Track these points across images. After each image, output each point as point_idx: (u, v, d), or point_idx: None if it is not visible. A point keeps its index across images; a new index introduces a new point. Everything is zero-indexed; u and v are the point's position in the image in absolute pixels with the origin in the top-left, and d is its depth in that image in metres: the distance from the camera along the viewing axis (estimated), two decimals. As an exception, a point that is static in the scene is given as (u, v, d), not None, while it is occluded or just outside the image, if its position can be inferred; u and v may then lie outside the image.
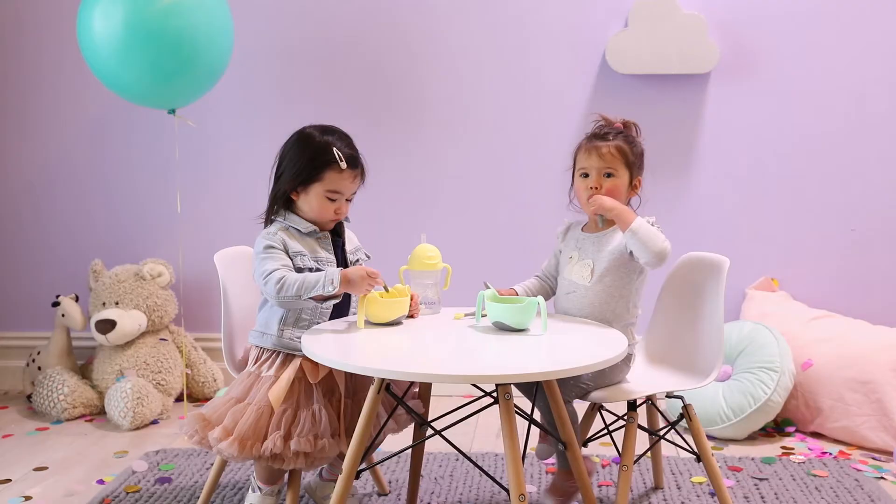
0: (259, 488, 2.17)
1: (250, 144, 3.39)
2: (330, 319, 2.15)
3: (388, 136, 3.37)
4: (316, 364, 2.06)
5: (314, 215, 2.14)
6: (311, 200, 2.13)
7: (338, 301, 2.11)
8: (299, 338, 2.04)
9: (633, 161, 2.21)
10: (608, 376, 2.15)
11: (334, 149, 2.10)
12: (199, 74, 2.94)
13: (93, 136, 3.48)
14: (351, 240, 2.25)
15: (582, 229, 2.28)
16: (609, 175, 2.19)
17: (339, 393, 2.12)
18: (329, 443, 2.04)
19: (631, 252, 2.12)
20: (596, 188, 2.18)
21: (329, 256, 2.14)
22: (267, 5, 3.36)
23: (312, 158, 2.11)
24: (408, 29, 3.34)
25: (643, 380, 2.22)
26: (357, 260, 2.22)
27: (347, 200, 2.17)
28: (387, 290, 2.10)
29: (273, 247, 2.09)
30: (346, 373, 2.11)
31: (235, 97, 3.39)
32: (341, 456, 2.09)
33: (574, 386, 2.13)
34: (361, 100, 3.37)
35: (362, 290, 2.04)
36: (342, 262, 2.19)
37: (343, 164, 2.10)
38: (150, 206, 3.46)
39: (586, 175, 2.20)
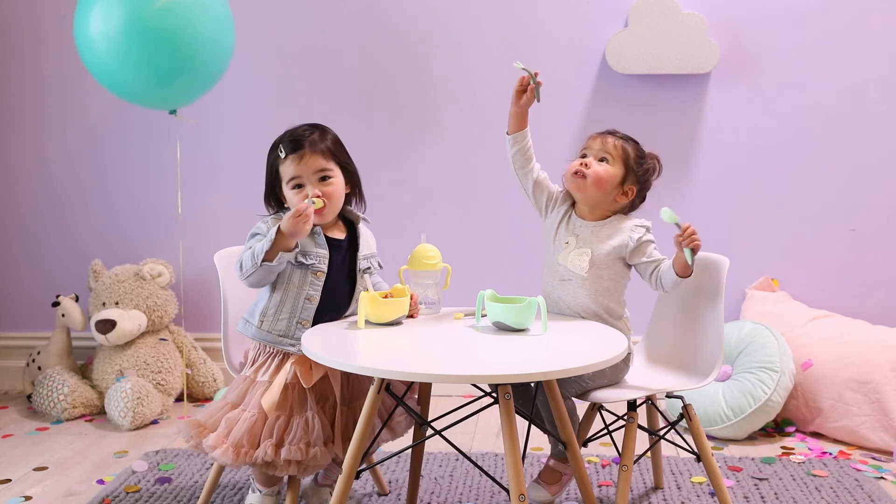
0: (259, 489, 2.17)
1: (251, 144, 3.38)
2: (330, 320, 2.14)
3: (388, 136, 3.37)
4: (309, 368, 2.06)
5: None
6: (289, 200, 2.12)
7: (291, 253, 2.04)
8: (279, 332, 2.08)
9: (632, 165, 2.21)
10: (608, 376, 2.15)
11: (278, 148, 2.12)
12: (199, 74, 2.93)
13: (93, 136, 3.48)
14: (368, 244, 2.21)
15: (576, 213, 2.26)
16: (603, 160, 2.20)
17: (333, 399, 2.11)
18: (321, 451, 2.03)
19: (625, 263, 2.19)
20: (585, 165, 2.19)
21: (321, 251, 2.10)
22: (269, 5, 3.36)
23: (267, 169, 2.15)
24: (408, 30, 3.34)
25: (643, 380, 2.22)
26: (368, 267, 2.19)
27: (322, 180, 2.09)
28: (322, 199, 2.05)
29: (255, 234, 2.10)
30: (342, 380, 2.11)
31: (237, 96, 3.39)
32: (336, 461, 2.09)
33: (574, 383, 2.13)
34: (362, 100, 3.37)
35: (301, 230, 1.98)
36: (350, 265, 2.16)
37: (282, 154, 2.10)
38: (150, 206, 3.46)
39: (584, 156, 2.23)
